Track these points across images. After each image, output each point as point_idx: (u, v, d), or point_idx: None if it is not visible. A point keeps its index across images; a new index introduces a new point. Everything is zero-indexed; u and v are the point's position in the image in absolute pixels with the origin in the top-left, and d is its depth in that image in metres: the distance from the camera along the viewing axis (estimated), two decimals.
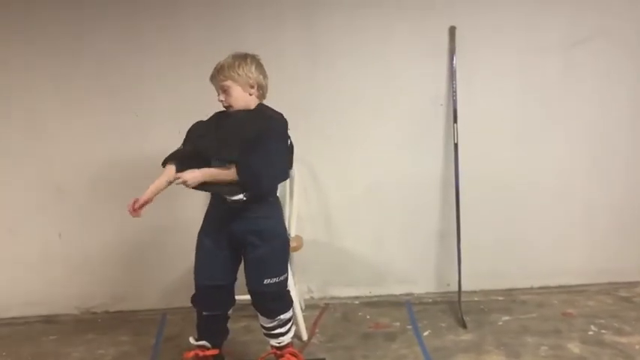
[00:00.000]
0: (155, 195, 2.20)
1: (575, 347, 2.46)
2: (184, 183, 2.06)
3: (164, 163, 2.23)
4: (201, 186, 2.10)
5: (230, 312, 2.33)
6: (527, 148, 2.97)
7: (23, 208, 3.04)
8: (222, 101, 2.18)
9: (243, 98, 2.18)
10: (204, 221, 2.27)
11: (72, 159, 2.99)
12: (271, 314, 2.25)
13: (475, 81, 2.91)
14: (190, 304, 2.30)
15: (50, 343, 2.84)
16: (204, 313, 2.27)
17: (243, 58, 2.19)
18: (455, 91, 2.88)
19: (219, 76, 2.16)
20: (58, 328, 2.99)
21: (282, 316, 2.26)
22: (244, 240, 2.18)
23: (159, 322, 2.96)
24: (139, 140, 2.96)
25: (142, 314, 3.07)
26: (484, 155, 2.95)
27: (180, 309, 2.95)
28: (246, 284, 2.23)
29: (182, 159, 2.19)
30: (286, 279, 2.27)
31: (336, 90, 2.94)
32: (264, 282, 2.18)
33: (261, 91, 2.23)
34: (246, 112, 2.18)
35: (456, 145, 2.89)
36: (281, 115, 2.20)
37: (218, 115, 2.25)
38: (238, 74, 2.15)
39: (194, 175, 2.07)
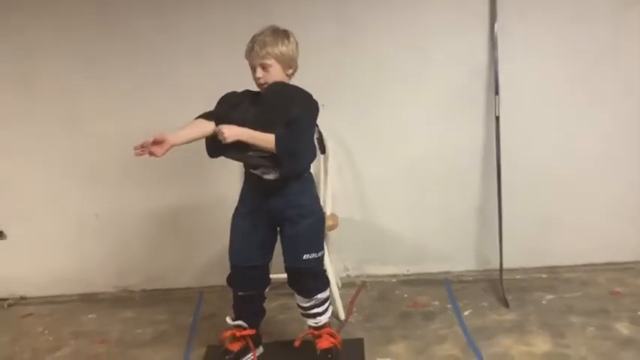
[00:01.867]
0: (183, 143, 2.09)
1: (624, 328, 2.36)
2: (222, 136, 1.98)
3: (197, 116, 2.16)
4: (235, 151, 2.04)
5: (266, 292, 2.31)
6: (573, 121, 2.82)
7: (60, 189, 3.06)
8: (259, 78, 2.09)
9: (280, 77, 2.11)
10: (239, 202, 2.23)
11: (106, 138, 2.97)
12: (309, 293, 2.22)
13: (518, 49, 2.76)
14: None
15: (89, 321, 2.87)
16: (239, 293, 2.25)
17: (285, 35, 2.12)
18: (496, 61, 2.75)
19: (260, 52, 2.06)
20: (96, 307, 3.02)
21: (319, 295, 2.23)
22: (283, 215, 2.15)
23: (196, 301, 2.96)
24: (173, 117, 2.87)
25: (178, 293, 3.08)
26: (527, 128, 2.82)
27: (216, 287, 2.92)
28: (285, 261, 2.20)
29: (215, 120, 2.12)
30: (323, 256, 2.24)
31: (369, 62, 2.83)
32: (304, 257, 2.14)
33: (294, 71, 2.17)
34: (281, 89, 2.11)
35: (497, 118, 2.77)
36: (307, 96, 2.12)
37: (251, 93, 2.17)
38: (282, 53, 2.08)
39: (233, 131, 1.99)
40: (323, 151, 2.49)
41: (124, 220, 3.07)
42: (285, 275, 2.23)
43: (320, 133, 2.34)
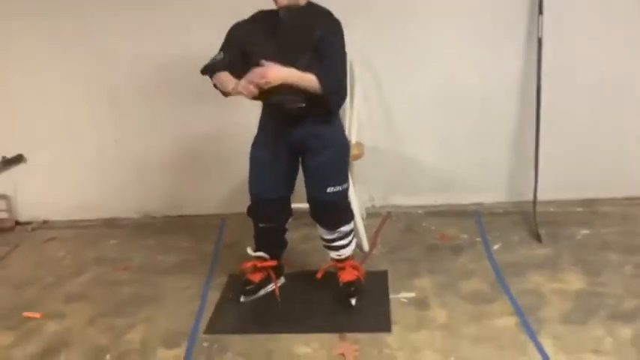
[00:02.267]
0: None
1: None
2: (264, 80, 1.84)
3: (207, 73, 2.03)
4: (268, 93, 1.90)
5: (288, 224, 2.23)
6: (621, 46, 2.59)
7: (79, 112, 2.98)
8: None
9: None
10: (258, 131, 2.12)
11: (124, 60, 2.85)
12: (333, 226, 2.14)
13: None
14: None
15: (111, 247, 2.86)
16: (260, 225, 2.17)
17: None
18: None
19: None
20: (118, 233, 3.01)
21: (343, 228, 2.15)
22: (304, 145, 2.04)
23: (218, 228, 2.92)
24: (193, 40, 2.74)
25: (201, 219, 3.03)
26: (571, 52, 2.61)
27: (239, 214, 2.73)
28: (308, 193, 2.11)
29: (229, 68, 1.98)
30: (348, 188, 2.13)
31: None
32: (327, 190, 2.05)
33: None
34: (301, 12, 1.93)
35: (539, 40, 2.55)
36: (336, 19, 1.95)
37: (263, 17, 1.99)
38: None
39: (278, 73, 1.85)
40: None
41: (145, 146, 3.00)
42: (307, 205, 2.15)
43: None
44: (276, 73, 1.85)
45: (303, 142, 2.02)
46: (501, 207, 2.86)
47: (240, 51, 1.98)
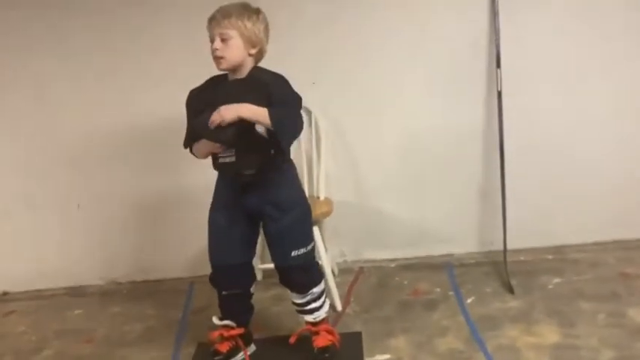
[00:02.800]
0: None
1: (637, 315, 2.22)
2: (221, 121, 1.83)
3: (187, 147, 2.06)
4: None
5: (253, 288, 2.18)
6: (580, 96, 2.65)
7: (38, 181, 2.92)
8: (216, 50, 1.88)
9: (240, 55, 1.91)
10: (214, 198, 2.09)
11: (81, 126, 2.83)
12: (303, 289, 2.10)
13: (521, 19, 2.57)
14: None
15: (75, 318, 2.75)
16: (223, 292, 2.12)
17: (255, 12, 1.93)
18: (498, 31, 2.56)
19: (223, 21, 1.88)
20: (83, 301, 2.90)
21: (314, 290, 2.10)
22: (261, 212, 2.01)
23: (186, 293, 2.83)
24: (149, 102, 2.76)
25: (168, 284, 2.96)
26: (531, 103, 2.65)
27: (207, 277, 2.79)
28: (272, 260, 2.08)
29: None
30: (313, 248, 2.10)
31: (362, 33, 2.66)
32: (292, 254, 2.01)
33: (260, 55, 1.97)
34: (247, 81, 1.93)
35: (499, 93, 2.59)
36: (281, 75, 1.95)
37: (214, 85, 1.99)
38: (246, 27, 1.89)
39: (232, 109, 1.83)
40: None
41: (109, 210, 2.94)
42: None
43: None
44: (230, 110, 1.83)
45: (261, 209, 2.00)
46: (472, 257, 2.85)
47: (200, 114, 1.95)
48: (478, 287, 2.57)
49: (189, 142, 2.03)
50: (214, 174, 2.09)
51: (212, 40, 1.90)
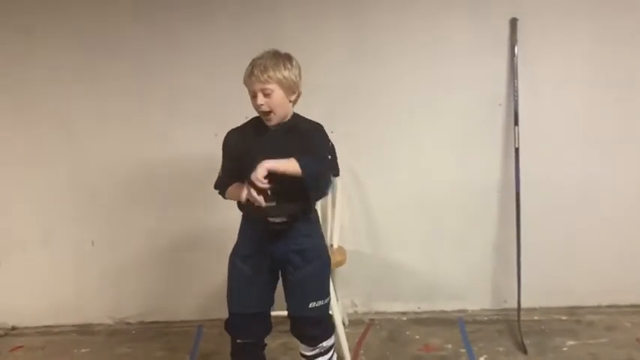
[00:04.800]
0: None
1: None
2: (256, 181, 1.80)
3: (219, 189, 2.06)
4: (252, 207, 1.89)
5: (266, 339, 2.14)
6: (596, 153, 2.66)
7: (56, 215, 2.94)
8: (260, 105, 1.90)
9: (284, 105, 1.93)
10: (238, 242, 2.06)
11: (104, 164, 2.87)
12: (313, 342, 2.05)
13: (539, 78, 2.61)
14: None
15: (82, 357, 2.73)
16: (238, 340, 2.08)
17: (287, 58, 1.94)
18: (516, 90, 2.59)
19: (262, 76, 1.86)
20: (91, 340, 2.88)
21: (324, 344, 2.06)
22: (285, 261, 1.99)
23: (194, 336, 2.81)
24: (174, 143, 2.80)
25: (177, 326, 2.93)
26: (548, 161, 2.67)
27: (217, 321, 2.75)
28: (288, 309, 2.04)
29: (234, 179, 2.00)
30: (329, 302, 2.07)
31: (382, 87, 2.71)
32: (309, 306, 1.98)
33: (298, 98, 2.00)
34: (286, 131, 1.95)
35: (517, 150, 2.61)
36: (319, 125, 1.98)
37: (254, 129, 1.99)
38: (284, 77, 1.90)
39: (266, 165, 1.80)
40: (337, 173, 2.30)
41: (122, 248, 2.95)
42: (286, 313, 2.07)
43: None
44: (264, 167, 1.82)
45: (286, 256, 1.98)
46: (485, 314, 2.81)
47: (237, 159, 1.97)
48: (490, 346, 2.52)
49: (223, 186, 2.03)
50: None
51: (254, 95, 1.90)
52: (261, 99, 1.88)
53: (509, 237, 2.68)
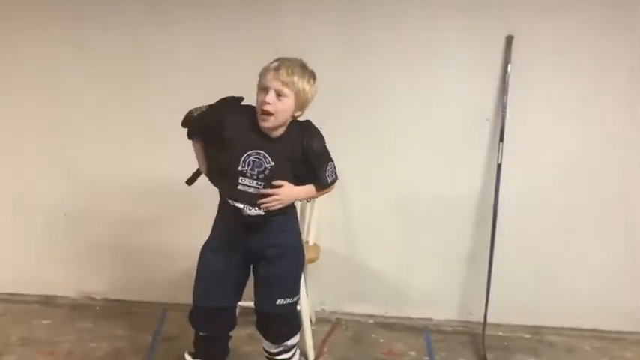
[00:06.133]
0: None
1: None
2: (274, 202, 1.90)
3: (186, 126, 1.97)
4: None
5: (232, 332, 2.13)
6: (578, 178, 2.68)
7: (27, 181, 2.90)
8: (266, 103, 1.78)
9: (288, 115, 1.86)
10: (212, 234, 2.02)
11: (84, 135, 2.82)
12: (278, 339, 2.06)
13: (528, 98, 2.62)
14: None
15: (42, 327, 2.69)
16: (201, 333, 2.05)
17: (312, 75, 1.88)
18: (504, 106, 2.61)
19: (287, 77, 1.79)
20: (53, 312, 2.85)
21: (288, 342, 2.07)
22: (259, 255, 1.97)
23: (159, 318, 2.78)
24: (159, 120, 2.73)
25: (142, 306, 2.90)
26: (529, 181, 2.68)
27: (182, 305, 2.65)
28: (256, 304, 2.02)
29: (204, 133, 1.94)
30: (297, 301, 2.07)
31: (371, 93, 2.69)
32: (277, 302, 1.97)
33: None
34: (289, 141, 1.92)
35: (499, 166, 2.63)
36: (311, 123, 1.99)
37: (253, 119, 1.87)
38: (304, 89, 1.83)
39: (288, 194, 1.92)
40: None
41: (95, 222, 2.91)
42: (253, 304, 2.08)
43: None
44: (287, 195, 1.90)
45: (261, 250, 1.96)
46: (450, 325, 2.83)
47: (218, 125, 1.87)
48: (453, 356, 2.55)
49: (193, 131, 1.96)
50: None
51: (265, 90, 1.81)
52: (271, 97, 1.80)
53: (483, 251, 2.70)
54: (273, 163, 1.86)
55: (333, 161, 2.02)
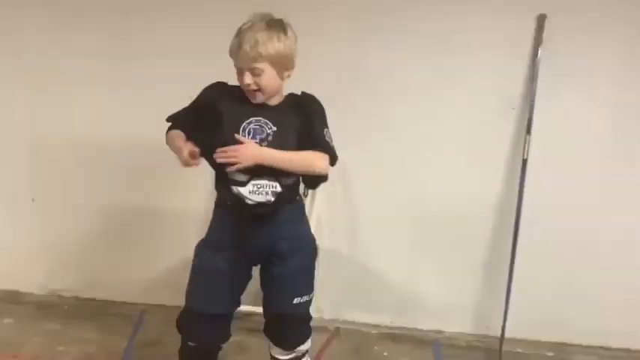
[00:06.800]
0: None
1: None
2: (235, 160, 1.60)
3: (170, 120, 1.77)
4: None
5: (225, 345, 1.87)
6: (613, 177, 2.41)
7: None
8: (248, 85, 1.63)
9: (276, 84, 1.67)
10: (211, 231, 1.78)
11: (56, 115, 2.58)
12: (291, 344, 1.85)
13: (560, 85, 2.34)
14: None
15: (5, 327, 2.46)
16: (190, 343, 1.78)
17: (281, 28, 1.65)
18: (534, 95, 2.33)
19: (251, 53, 1.60)
20: (16, 310, 2.60)
21: (301, 347, 1.86)
22: (270, 252, 1.74)
23: (135, 321, 2.53)
24: (139, 102, 2.50)
25: (116, 307, 2.66)
26: (558, 178, 2.41)
27: (161, 307, 2.55)
28: (269, 306, 1.81)
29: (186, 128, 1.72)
30: (313, 298, 1.87)
31: (384, 76, 2.41)
32: (294, 301, 1.78)
33: (293, 70, 1.72)
34: (287, 108, 1.73)
35: (524, 162, 2.35)
36: (313, 96, 1.79)
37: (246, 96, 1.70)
38: (277, 52, 1.62)
39: (248, 155, 1.61)
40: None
41: (66, 210, 2.66)
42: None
43: None
44: (249, 152, 1.61)
45: (272, 246, 1.73)
46: (464, 339, 2.56)
47: (211, 105, 1.69)
48: None
49: (175, 124, 1.74)
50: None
51: (240, 72, 1.66)
52: (248, 78, 1.63)
53: (502, 258, 2.43)
54: (275, 128, 1.68)
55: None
